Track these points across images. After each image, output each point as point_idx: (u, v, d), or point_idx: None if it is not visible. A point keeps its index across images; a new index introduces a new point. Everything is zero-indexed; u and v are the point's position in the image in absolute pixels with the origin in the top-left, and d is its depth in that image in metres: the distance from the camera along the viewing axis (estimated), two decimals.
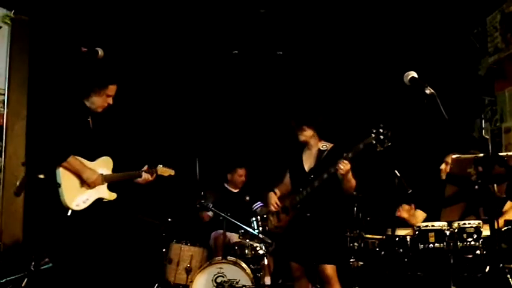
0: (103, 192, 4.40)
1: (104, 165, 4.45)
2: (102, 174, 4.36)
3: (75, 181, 4.22)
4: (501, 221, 4.88)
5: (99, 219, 4.26)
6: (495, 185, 3.19)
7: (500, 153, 3.25)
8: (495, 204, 3.61)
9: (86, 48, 4.17)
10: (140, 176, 4.64)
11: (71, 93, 4.39)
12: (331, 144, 4.88)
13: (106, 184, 4.41)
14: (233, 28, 6.94)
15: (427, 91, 3.24)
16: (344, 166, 4.46)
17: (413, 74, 3.44)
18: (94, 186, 4.27)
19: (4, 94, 6.23)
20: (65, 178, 4.17)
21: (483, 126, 6.49)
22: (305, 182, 4.76)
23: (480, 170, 3.12)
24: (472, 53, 6.65)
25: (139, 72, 7.16)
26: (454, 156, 3.46)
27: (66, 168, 4.17)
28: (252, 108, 7.71)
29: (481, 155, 3.35)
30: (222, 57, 7.45)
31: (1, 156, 6.16)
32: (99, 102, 4.36)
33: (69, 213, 4.09)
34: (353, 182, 4.66)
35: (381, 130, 4.36)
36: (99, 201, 4.34)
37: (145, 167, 4.67)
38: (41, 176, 4.15)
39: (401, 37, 6.75)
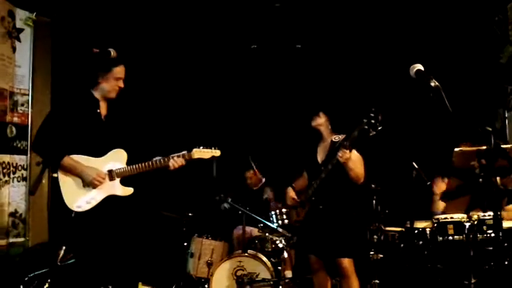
0: (115, 188, 4.15)
1: (115, 159, 4.18)
2: (111, 170, 4.13)
3: (77, 182, 4.06)
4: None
5: (114, 216, 4.12)
6: (498, 178, 3.15)
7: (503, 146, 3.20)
8: (498, 197, 3.55)
9: (97, 49, 4.11)
10: (165, 166, 4.21)
11: (75, 86, 4.31)
12: (344, 135, 4.85)
13: (118, 180, 4.16)
14: (250, 23, 6.97)
15: (432, 84, 3.21)
16: (343, 154, 4.47)
17: (419, 66, 3.41)
18: (98, 185, 4.06)
19: (28, 94, 6.42)
20: (63, 180, 4.04)
21: (506, 115, 6.38)
22: (318, 174, 4.76)
23: (483, 163, 3.08)
24: (493, 41, 6.52)
25: (161, 66, 7.28)
26: (457, 149, 3.43)
27: (63, 169, 4.04)
28: (272, 103, 7.71)
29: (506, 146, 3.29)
30: (241, 52, 7.49)
31: (27, 155, 6.32)
32: (108, 87, 4.15)
33: (72, 215, 4.00)
34: (358, 170, 4.63)
35: (372, 115, 4.40)
36: (112, 198, 4.13)
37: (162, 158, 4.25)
38: (55, 175, 4.07)
39: (421, 27, 6.67)
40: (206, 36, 7.16)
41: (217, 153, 4.38)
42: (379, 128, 4.40)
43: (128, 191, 4.20)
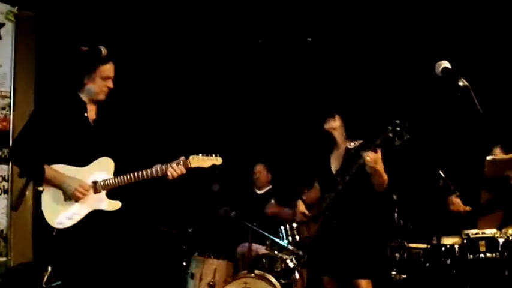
0: (100, 202, 4.02)
1: (101, 169, 4.06)
2: (95, 182, 4.02)
3: (57, 195, 3.97)
4: None
5: (100, 233, 3.99)
6: None
7: None
8: None
9: (86, 47, 4.02)
10: (162, 174, 4.08)
11: (59, 88, 4.23)
12: (360, 141, 4.78)
13: (104, 192, 4.04)
14: (255, 14, 6.90)
15: (461, 83, 3.15)
16: (372, 156, 4.36)
17: (446, 64, 3.32)
18: (80, 198, 3.94)
19: (9, 97, 6.36)
20: (44, 193, 3.98)
21: None
22: (332, 185, 4.68)
23: None
24: None
25: (157, 64, 7.25)
26: (488, 157, 3.33)
27: (43, 181, 3.97)
28: (279, 103, 7.66)
29: None
30: (246, 47, 7.45)
31: (8, 165, 6.25)
32: (95, 88, 4.04)
33: (54, 233, 3.91)
34: (385, 176, 4.53)
35: (398, 121, 4.33)
36: (97, 213, 4.00)
37: (160, 166, 4.10)
38: (40, 189, 3.98)
39: (448, 18, 6.56)
40: (206, 29, 7.11)
41: (218, 161, 4.18)
42: (406, 138, 4.31)
43: (115, 205, 4.06)
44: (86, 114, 4.09)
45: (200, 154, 4.14)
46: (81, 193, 3.94)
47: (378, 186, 4.56)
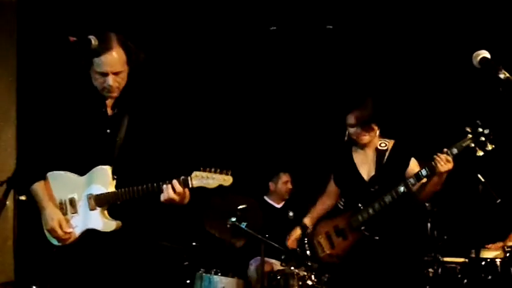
0: (95, 221, 3.87)
1: (96, 180, 3.89)
2: (90, 196, 3.88)
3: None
4: None
5: (95, 255, 3.88)
6: None
7: None
8: None
9: (74, 37, 3.82)
10: (159, 191, 3.83)
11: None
12: (392, 141, 4.81)
13: (99, 209, 3.87)
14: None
15: (502, 75, 3.22)
16: (447, 164, 4.36)
17: (485, 53, 3.41)
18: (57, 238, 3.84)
19: None
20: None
21: None
22: (366, 195, 4.67)
23: None
24: None
25: (156, 58, 7.24)
26: None
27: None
28: (292, 100, 7.75)
29: None
30: (258, 35, 7.49)
31: None
32: (98, 85, 3.86)
33: (54, 250, 3.88)
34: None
35: (480, 129, 4.33)
36: (92, 233, 3.87)
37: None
38: (22, 198, 4.05)
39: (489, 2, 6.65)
40: (210, 15, 7.13)
41: (227, 181, 3.79)
42: (490, 149, 4.34)
43: (112, 225, 3.88)
44: (104, 110, 3.96)
45: (206, 169, 3.79)
46: (57, 235, 3.82)
47: (426, 196, 4.62)
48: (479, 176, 5.27)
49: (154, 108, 4.10)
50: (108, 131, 3.93)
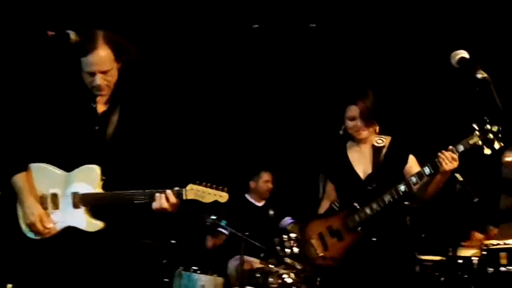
0: (78, 219, 3.83)
1: (84, 179, 3.85)
2: (75, 194, 3.83)
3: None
4: None
5: (74, 253, 3.83)
6: None
7: None
8: None
9: (52, 31, 3.68)
10: (151, 199, 3.78)
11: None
12: (388, 137, 4.69)
13: (83, 208, 3.82)
14: None
15: (479, 75, 3.28)
16: (452, 162, 4.27)
17: (463, 53, 3.46)
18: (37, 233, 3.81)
19: None
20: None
21: None
22: (362, 194, 4.53)
23: None
24: None
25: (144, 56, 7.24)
26: (508, 158, 3.45)
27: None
28: (275, 97, 7.77)
29: None
30: (239, 33, 7.49)
31: None
32: (88, 83, 3.80)
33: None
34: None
35: (488, 127, 4.19)
36: (73, 230, 3.82)
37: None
38: None
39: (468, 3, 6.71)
40: (193, 14, 7.14)
41: (223, 198, 3.77)
42: (498, 147, 4.21)
43: (96, 226, 3.83)
44: (93, 105, 3.91)
45: (202, 184, 3.74)
46: (36, 229, 3.78)
47: (428, 196, 4.55)
48: (456, 175, 5.28)
49: (143, 106, 4.05)
50: (96, 127, 3.88)
